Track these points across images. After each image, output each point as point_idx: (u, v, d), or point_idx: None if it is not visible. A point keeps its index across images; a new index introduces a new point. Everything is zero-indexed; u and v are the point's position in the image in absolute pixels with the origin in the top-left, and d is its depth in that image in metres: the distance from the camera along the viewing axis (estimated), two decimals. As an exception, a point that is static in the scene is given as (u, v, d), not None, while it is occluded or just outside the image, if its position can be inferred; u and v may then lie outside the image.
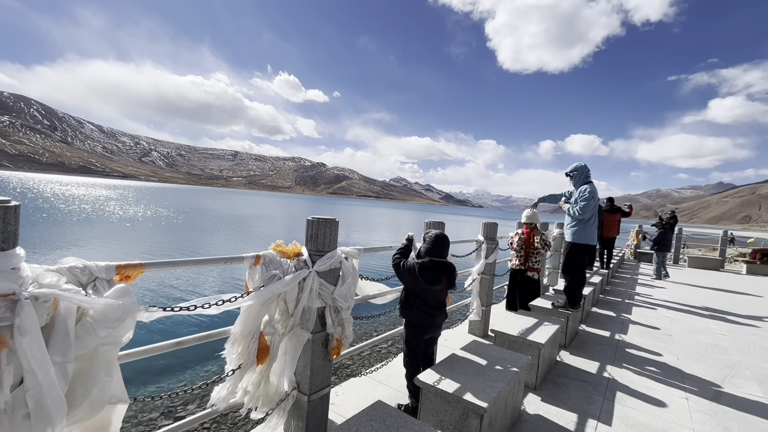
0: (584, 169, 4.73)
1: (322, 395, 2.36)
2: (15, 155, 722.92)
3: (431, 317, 2.77)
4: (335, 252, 2.31)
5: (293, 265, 2.16)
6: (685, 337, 5.23)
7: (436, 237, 2.71)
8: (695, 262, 13.88)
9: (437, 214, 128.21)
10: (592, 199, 4.56)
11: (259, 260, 2.08)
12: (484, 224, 4.67)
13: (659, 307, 7.02)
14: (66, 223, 22.82)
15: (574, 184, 4.74)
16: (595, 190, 4.64)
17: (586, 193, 4.57)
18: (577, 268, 4.79)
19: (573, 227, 4.70)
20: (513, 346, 3.52)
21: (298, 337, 2.22)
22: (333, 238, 2.31)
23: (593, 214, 4.61)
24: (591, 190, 4.58)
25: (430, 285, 2.67)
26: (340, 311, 2.31)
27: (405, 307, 2.78)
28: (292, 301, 2.14)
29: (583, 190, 4.62)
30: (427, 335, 2.83)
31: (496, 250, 4.64)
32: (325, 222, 2.26)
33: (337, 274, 2.36)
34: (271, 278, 2.05)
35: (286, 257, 2.21)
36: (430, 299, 2.74)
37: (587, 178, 4.70)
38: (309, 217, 2.28)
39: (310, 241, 2.27)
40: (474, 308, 4.64)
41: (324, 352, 2.32)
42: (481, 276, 4.64)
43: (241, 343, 1.99)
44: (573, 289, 4.84)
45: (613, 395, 3.38)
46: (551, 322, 4.03)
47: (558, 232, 8.03)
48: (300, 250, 2.29)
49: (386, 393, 3.15)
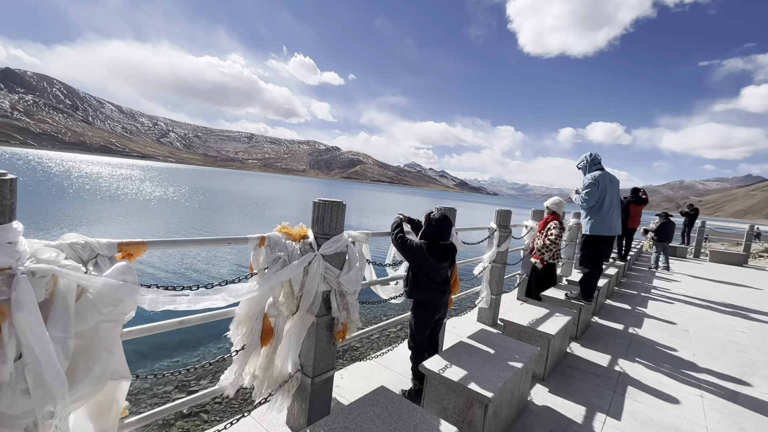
0: (591, 157, 4.54)
1: (326, 378, 2.36)
2: (39, 134, 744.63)
3: (441, 294, 2.75)
4: (341, 236, 2.27)
5: (298, 247, 2.13)
6: (702, 333, 5.07)
7: (440, 220, 2.65)
8: (717, 256, 13.42)
9: (451, 200, 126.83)
10: (596, 185, 4.36)
11: (264, 242, 2.05)
12: (497, 212, 4.56)
13: (677, 302, 6.82)
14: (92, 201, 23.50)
15: (584, 174, 4.58)
16: (605, 177, 4.42)
17: (590, 179, 4.41)
18: (594, 261, 4.65)
19: (587, 218, 4.56)
20: (522, 337, 3.46)
21: (303, 320, 2.21)
22: (339, 222, 2.26)
23: (609, 204, 4.42)
24: (596, 176, 4.39)
25: (440, 262, 2.65)
26: (345, 295, 2.28)
27: (414, 287, 2.74)
28: (297, 284, 2.11)
29: (587, 177, 4.46)
30: (437, 315, 2.82)
31: (508, 239, 4.54)
32: (332, 205, 2.21)
33: (344, 258, 2.33)
34: (275, 261, 2.02)
35: (292, 239, 2.18)
36: (438, 276, 2.71)
37: (596, 165, 4.52)
38: (315, 200, 2.24)
39: (317, 223, 2.23)
40: (483, 296, 4.59)
41: (329, 336, 2.31)
42: (492, 264, 4.56)
43: (245, 325, 1.98)
44: (588, 281, 4.71)
45: (623, 389, 3.30)
46: (563, 313, 3.95)
47: (574, 222, 7.84)
48: (306, 233, 2.25)
49: (392, 378, 3.15)
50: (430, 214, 2.71)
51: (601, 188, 4.37)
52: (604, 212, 4.42)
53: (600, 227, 4.47)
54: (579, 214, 8.40)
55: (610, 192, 4.41)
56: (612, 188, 4.43)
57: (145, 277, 9.07)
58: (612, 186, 4.44)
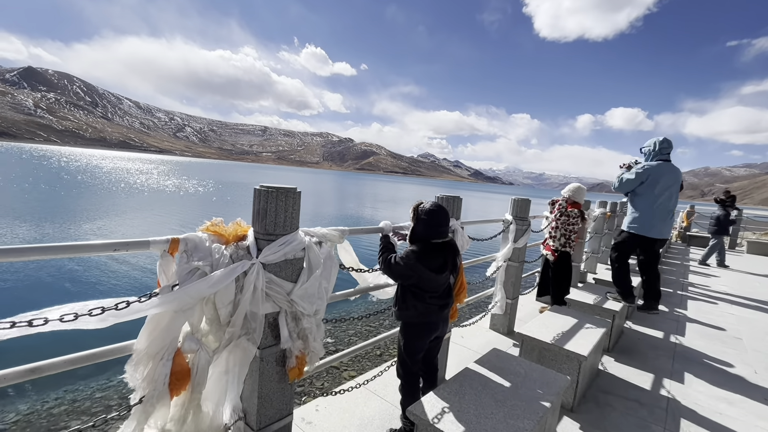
0: (659, 145, 3.84)
1: (281, 427, 1.75)
2: (62, 131, 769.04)
3: (440, 308, 2.08)
4: (294, 236, 1.63)
5: (229, 253, 1.51)
6: (758, 342, 4.28)
7: (431, 212, 1.99)
8: (756, 247, 12.27)
9: (465, 191, 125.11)
10: (643, 178, 3.72)
11: (177, 246, 1.43)
12: (513, 201, 3.85)
13: (720, 301, 5.99)
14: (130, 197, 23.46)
15: (644, 160, 3.92)
16: (662, 170, 3.73)
17: (641, 168, 3.77)
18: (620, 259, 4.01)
19: (629, 210, 3.94)
20: (545, 356, 2.79)
21: (244, 351, 1.60)
22: (291, 216, 1.63)
23: (655, 200, 3.72)
24: (650, 168, 3.73)
25: (438, 273, 1.98)
26: (300, 318, 1.65)
27: (404, 308, 2.08)
28: (225, 306, 1.50)
29: (640, 165, 3.85)
30: (433, 334, 2.15)
31: (527, 233, 3.83)
32: (278, 193, 1.57)
33: (299, 266, 1.69)
34: (190, 273, 1.41)
35: (223, 242, 1.56)
36: (437, 288, 2.05)
37: (660, 156, 3.82)
38: (257, 186, 1.60)
39: (258, 219, 1.60)
40: (497, 300, 3.90)
41: (279, 373, 1.69)
42: (507, 263, 3.87)
43: (147, 365, 1.38)
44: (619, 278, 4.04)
45: (676, 424, 2.60)
46: (594, 322, 3.25)
47: (600, 212, 7.02)
48: (246, 232, 1.63)
49: (380, 409, 2.53)
50: (419, 206, 2.05)
51: (649, 182, 3.71)
52: (648, 209, 3.77)
53: (637, 224, 3.82)
54: (605, 203, 7.57)
55: (663, 187, 3.71)
56: (667, 184, 3.73)
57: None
58: (668, 181, 3.73)
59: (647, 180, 3.74)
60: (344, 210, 27.81)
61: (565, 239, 4.44)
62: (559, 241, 4.45)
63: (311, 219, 19.70)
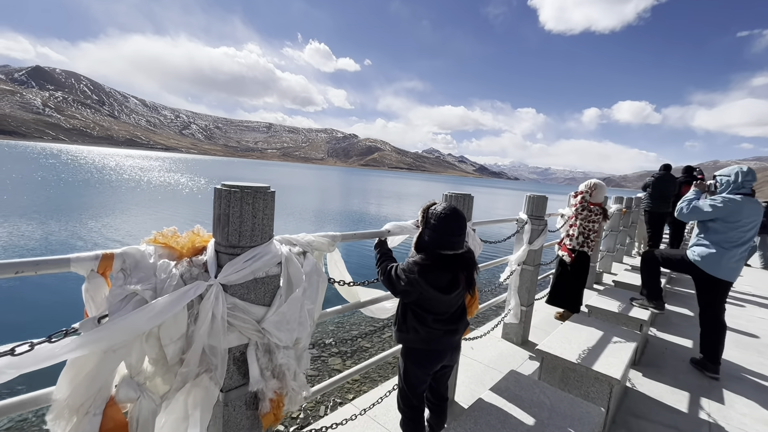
0: (741, 175, 3.05)
1: (254, 483, 1.42)
2: (70, 129, 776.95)
3: (450, 333, 1.72)
4: (267, 247, 1.29)
5: (179, 272, 1.17)
6: (798, 352, 3.89)
7: (444, 218, 1.60)
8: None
9: (469, 186, 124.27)
10: (725, 211, 2.99)
11: (111, 264, 1.10)
12: (528, 198, 3.48)
13: (747, 303, 5.57)
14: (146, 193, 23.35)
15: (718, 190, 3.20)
16: (747, 206, 2.98)
17: (721, 202, 3.02)
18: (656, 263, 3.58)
19: (699, 237, 3.23)
20: (569, 377, 2.44)
21: (205, 391, 1.27)
22: (262, 223, 1.28)
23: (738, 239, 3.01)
24: (732, 202, 2.99)
25: (445, 293, 1.62)
26: (274, 352, 1.31)
27: (404, 330, 1.73)
28: (174, 341, 1.16)
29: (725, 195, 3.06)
30: (438, 364, 1.79)
31: (543, 233, 3.46)
32: (243, 194, 1.22)
33: (275, 284, 1.35)
34: (125, 300, 1.07)
35: (176, 256, 1.23)
36: (445, 310, 1.70)
37: (743, 188, 3.05)
38: (218, 185, 1.26)
39: (218, 228, 1.26)
40: (511, 308, 3.55)
41: (250, 419, 1.36)
42: (522, 267, 3.51)
43: (69, 421, 1.06)
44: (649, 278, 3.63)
45: (723, 458, 2.25)
46: (621, 335, 2.88)
47: (616, 208, 6.61)
48: (205, 244, 1.29)
49: (381, 441, 2.20)
50: (430, 208, 1.68)
51: (727, 219, 3.02)
52: (719, 245, 3.07)
53: (701, 259, 3.13)
54: (621, 198, 7.14)
55: (743, 227, 3.01)
56: (748, 223, 3.02)
57: None
58: (749, 220, 3.01)
59: (725, 217, 3.03)
60: (348, 206, 27.48)
61: (583, 238, 4.06)
62: (577, 240, 4.07)
63: (311, 219, 19.36)
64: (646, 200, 7.13)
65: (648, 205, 7.08)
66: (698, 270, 3.14)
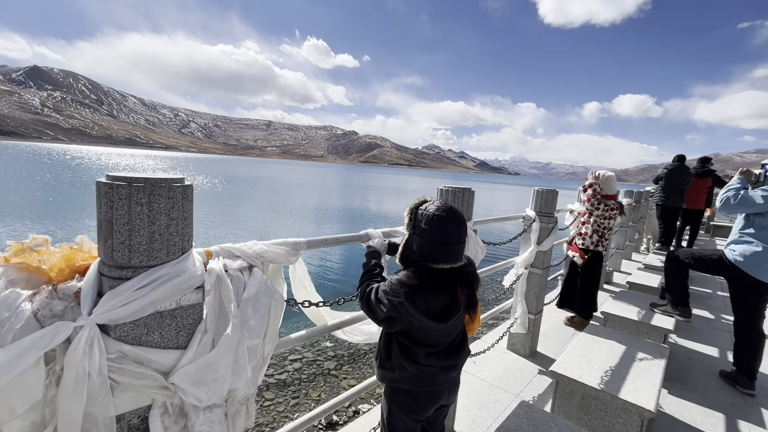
0: None
1: None
2: (69, 129, 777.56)
3: (447, 371, 1.30)
4: (177, 267, 0.89)
5: (33, 308, 0.78)
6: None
7: (436, 220, 1.19)
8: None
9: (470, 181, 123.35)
10: None
11: None
12: (536, 193, 3.09)
13: (770, 304, 5.17)
14: None
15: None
16: None
17: None
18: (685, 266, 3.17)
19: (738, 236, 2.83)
20: (590, 405, 2.05)
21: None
22: (167, 231, 0.89)
23: None
24: None
25: (440, 321, 1.19)
26: (190, 415, 0.92)
27: (387, 367, 1.31)
28: (25, 411, 0.77)
29: None
30: (432, 408, 1.37)
31: (553, 232, 3.07)
32: (132, 190, 0.83)
33: (194, 317, 0.96)
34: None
35: (43, 281, 0.83)
36: (441, 340, 1.29)
37: None
38: (99, 179, 0.86)
39: (100, 240, 0.86)
40: (518, 316, 3.16)
41: None
42: (529, 270, 3.12)
43: None
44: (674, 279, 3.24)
45: (779, 503, 1.86)
46: (646, 349, 2.49)
47: (626, 202, 6.20)
48: (86, 265, 0.90)
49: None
50: (419, 207, 1.26)
51: None
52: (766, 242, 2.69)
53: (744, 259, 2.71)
54: (630, 192, 6.73)
55: None
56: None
57: None
58: None
59: None
60: (348, 204, 27.07)
61: (598, 237, 3.67)
62: (591, 238, 3.68)
63: (312, 219, 18.96)
64: (659, 193, 6.72)
65: (660, 199, 6.67)
66: (739, 272, 2.71)
